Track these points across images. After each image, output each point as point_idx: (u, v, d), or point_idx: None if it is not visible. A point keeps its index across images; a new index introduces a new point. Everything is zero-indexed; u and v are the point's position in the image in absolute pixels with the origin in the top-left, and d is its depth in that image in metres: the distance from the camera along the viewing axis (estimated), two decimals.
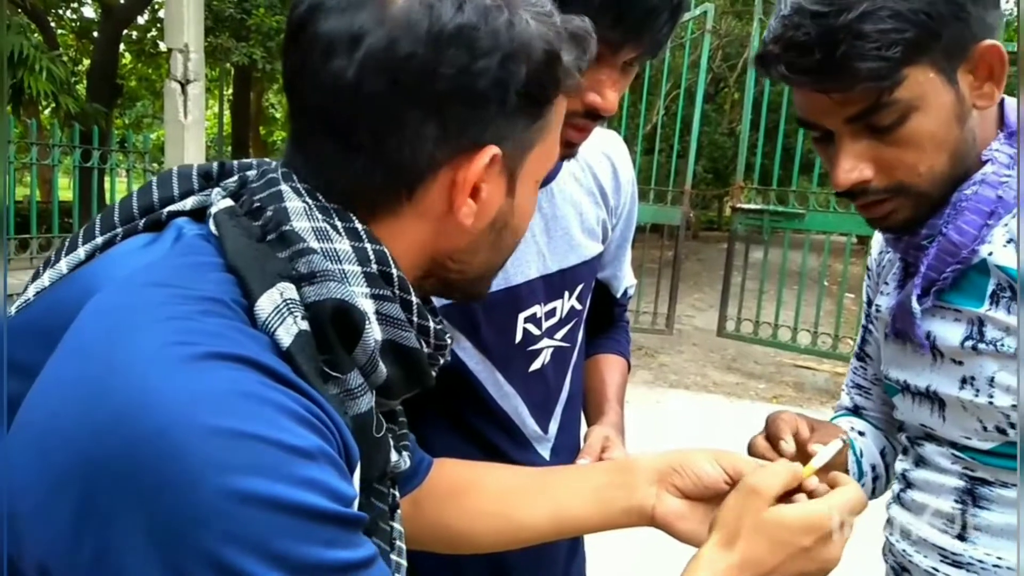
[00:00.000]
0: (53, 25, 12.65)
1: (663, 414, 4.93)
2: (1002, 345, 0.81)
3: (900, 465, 0.97)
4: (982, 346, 0.83)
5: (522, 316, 0.99)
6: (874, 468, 1.05)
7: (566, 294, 1.04)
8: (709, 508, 0.76)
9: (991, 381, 0.82)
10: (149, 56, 14.66)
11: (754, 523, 0.66)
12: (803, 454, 0.86)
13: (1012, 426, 0.82)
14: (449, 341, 0.65)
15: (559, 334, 1.05)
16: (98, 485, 0.42)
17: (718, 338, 6.73)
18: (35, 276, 0.58)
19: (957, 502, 0.88)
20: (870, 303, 1.05)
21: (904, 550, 0.94)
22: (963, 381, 0.85)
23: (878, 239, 1.04)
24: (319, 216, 0.57)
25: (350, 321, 0.53)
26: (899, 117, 0.78)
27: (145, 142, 6.59)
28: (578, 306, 1.07)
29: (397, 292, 0.58)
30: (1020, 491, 0.80)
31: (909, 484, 0.95)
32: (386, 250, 0.58)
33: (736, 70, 12.10)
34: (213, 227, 0.56)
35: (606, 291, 1.23)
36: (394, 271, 0.58)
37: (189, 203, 0.60)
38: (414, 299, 0.60)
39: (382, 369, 0.57)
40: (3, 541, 0.46)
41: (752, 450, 0.91)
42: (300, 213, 0.56)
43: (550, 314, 1.03)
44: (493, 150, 0.57)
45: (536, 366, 1.03)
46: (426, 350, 0.62)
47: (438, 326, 0.63)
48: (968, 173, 0.83)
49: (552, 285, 1.02)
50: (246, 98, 15.21)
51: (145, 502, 0.42)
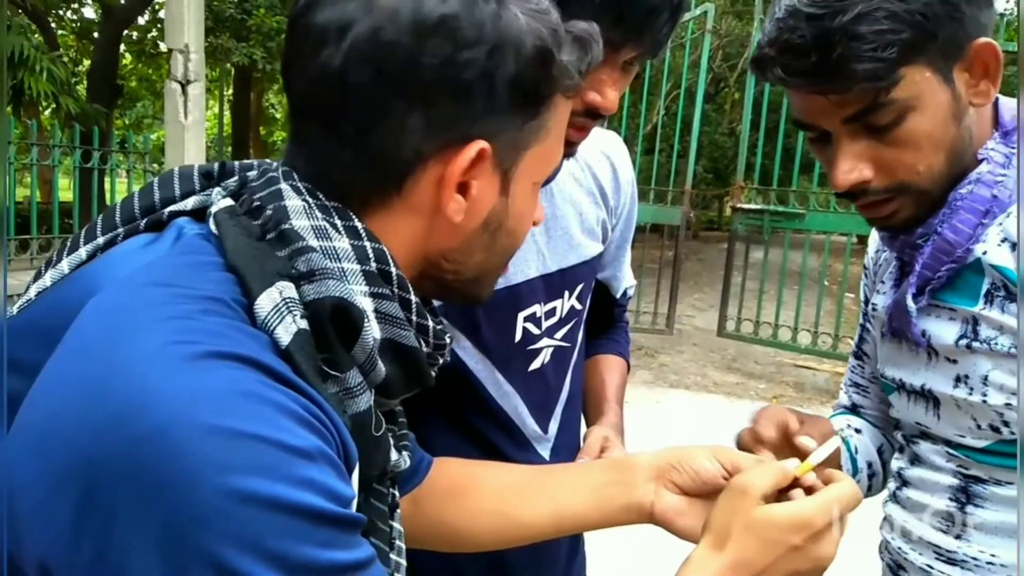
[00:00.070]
0: (53, 26, 12.65)
1: (663, 414, 4.93)
2: (996, 344, 0.81)
3: (896, 463, 0.97)
4: (976, 345, 0.83)
5: (522, 315, 0.99)
6: (870, 465, 1.05)
7: (566, 294, 1.04)
8: (708, 504, 0.75)
9: (985, 379, 0.82)
10: (149, 56, 14.67)
11: (744, 523, 0.66)
12: (792, 448, 0.86)
13: (1005, 424, 0.82)
14: (448, 340, 0.65)
15: (559, 334, 1.05)
16: (98, 484, 0.42)
17: (718, 338, 6.73)
18: (37, 276, 0.58)
19: (952, 500, 0.88)
20: (867, 301, 1.05)
21: (900, 548, 0.94)
22: (957, 379, 0.85)
23: (874, 237, 1.04)
24: (319, 214, 0.57)
25: (349, 319, 0.53)
26: (896, 117, 0.78)
27: (145, 143, 6.59)
28: (578, 306, 1.07)
29: (396, 291, 0.58)
30: (1020, 490, 0.80)
31: (905, 482, 0.95)
32: (385, 248, 0.58)
33: (736, 70, 12.11)
34: (213, 226, 0.56)
35: (606, 291, 1.23)
36: (393, 269, 0.58)
37: (190, 203, 0.60)
38: (413, 298, 0.60)
39: (381, 368, 0.57)
40: (3, 541, 0.46)
41: (739, 444, 0.91)
42: (300, 211, 0.56)
43: (550, 313, 1.03)
44: (480, 144, 0.57)
45: (536, 365, 1.03)
46: (425, 349, 0.62)
47: (437, 326, 0.63)
48: (965, 171, 0.83)
49: (552, 285, 1.02)
50: (246, 98, 15.21)
51: (145, 501, 0.42)
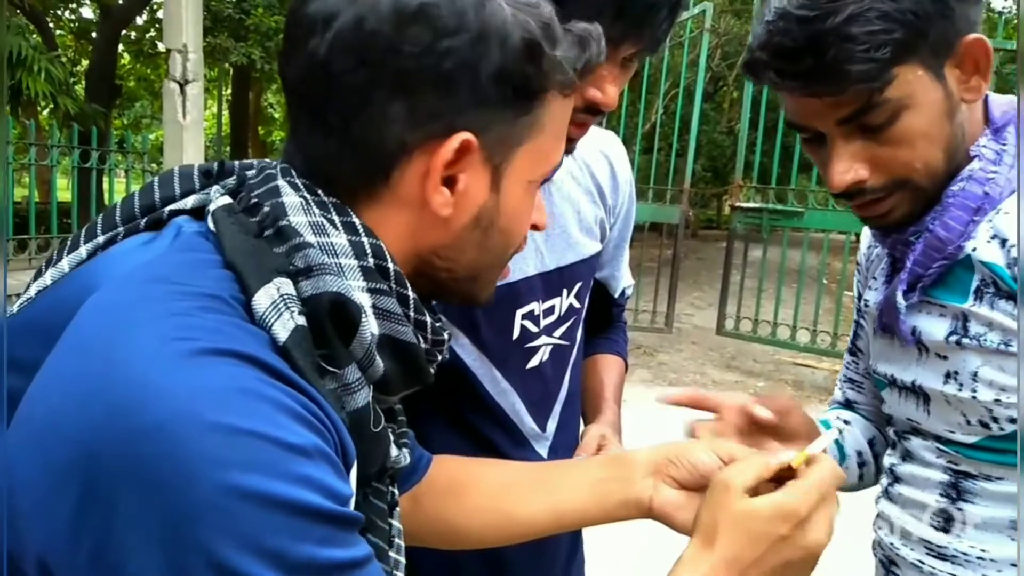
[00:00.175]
0: (51, 26, 12.62)
1: (662, 413, 4.92)
2: (985, 340, 0.82)
3: (888, 460, 0.98)
4: (966, 341, 0.83)
5: (520, 313, 1.00)
6: (860, 454, 1.06)
7: (564, 292, 1.05)
8: None
9: (974, 376, 0.83)
10: (148, 56, 14.65)
11: (729, 518, 0.65)
12: (761, 431, 0.89)
13: (995, 420, 0.82)
14: (447, 337, 0.65)
15: (557, 332, 1.05)
16: (98, 480, 0.42)
17: (717, 336, 6.73)
18: (37, 275, 0.58)
19: (942, 496, 0.88)
20: (860, 297, 1.05)
21: (892, 543, 0.95)
22: (947, 376, 0.86)
23: (867, 233, 1.04)
24: (316, 211, 0.57)
25: (347, 315, 0.53)
26: (890, 116, 0.78)
27: (144, 142, 6.59)
28: (576, 304, 1.07)
29: (393, 286, 0.58)
30: (1020, 489, 0.81)
31: (896, 478, 0.95)
32: (382, 244, 0.58)
33: (735, 69, 12.10)
34: (211, 224, 0.56)
35: (604, 291, 1.23)
36: (390, 265, 0.58)
37: (190, 202, 0.60)
38: (411, 294, 0.60)
39: (379, 363, 0.57)
40: (3, 539, 0.46)
41: (689, 435, 0.93)
42: (297, 208, 0.56)
43: (548, 312, 1.03)
44: (464, 136, 0.56)
45: (534, 363, 1.03)
46: (423, 345, 0.62)
47: (436, 322, 0.63)
48: (959, 168, 0.83)
49: (550, 283, 1.02)
50: (245, 98, 15.20)
51: (144, 497, 0.42)
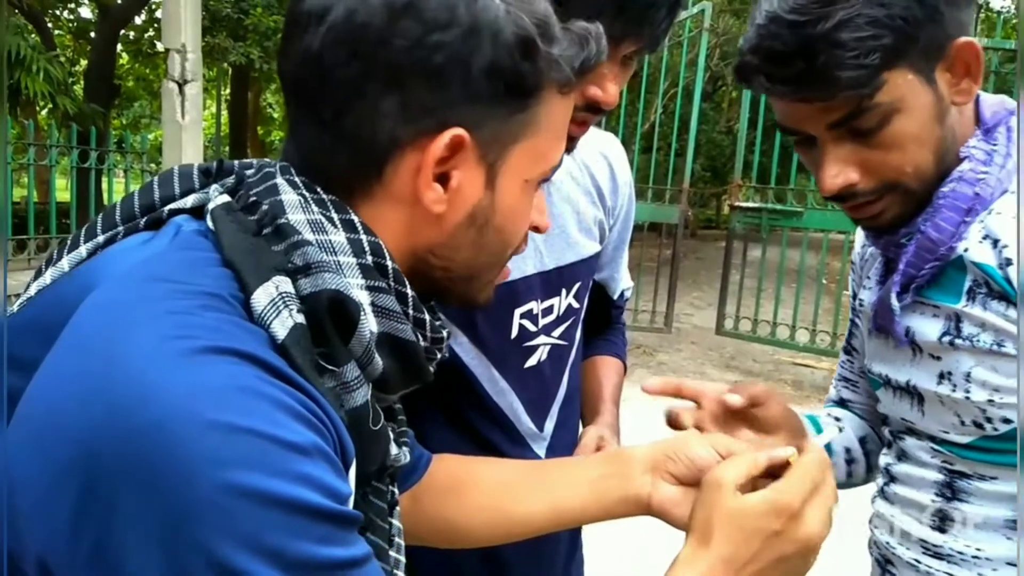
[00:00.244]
0: (50, 26, 12.62)
1: (661, 412, 4.92)
2: (978, 341, 0.82)
3: (883, 459, 0.98)
4: (959, 341, 0.83)
5: (518, 312, 1.00)
6: (848, 451, 1.06)
7: (563, 292, 1.05)
8: None
9: (967, 376, 0.83)
10: (146, 56, 14.66)
11: (723, 516, 0.65)
12: (739, 417, 0.90)
13: (988, 420, 0.83)
14: (446, 335, 0.65)
15: (556, 332, 1.05)
16: (97, 478, 0.42)
17: (716, 336, 6.74)
18: (37, 274, 0.58)
19: (937, 495, 0.89)
20: (855, 296, 1.05)
21: (888, 543, 0.95)
22: (941, 376, 0.86)
23: (861, 233, 1.04)
24: (315, 208, 0.57)
25: (345, 312, 0.53)
26: (881, 120, 0.78)
27: (143, 142, 6.59)
28: (575, 304, 1.07)
29: (392, 284, 0.58)
30: (1020, 489, 0.81)
31: (892, 478, 0.96)
32: (381, 242, 0.58)
33: None
34: (210, 223, 0.56)
35: (603, 292, 1.23)
36: (389, 263, 0.58)
37: (189, 201, 0.60)
38: (409, 292, 0.60)
39: (378, 361, 0.57)
40: (3, 538, 0.46)
41: (669, 420, 0.93)
42: (296, 206, 0.56)
43: (547, 311, 1.03)
44: (455, 131, 0.56)
45: (532, 362, 1.03)
46: (423, 343, 0.62)
47: (435, 320, 0.63)
48: (950, 170, 0.83)
49: (549, 282, 1.02)
50: (244, 98, 15.20)
51: (143, 496, 0.42)
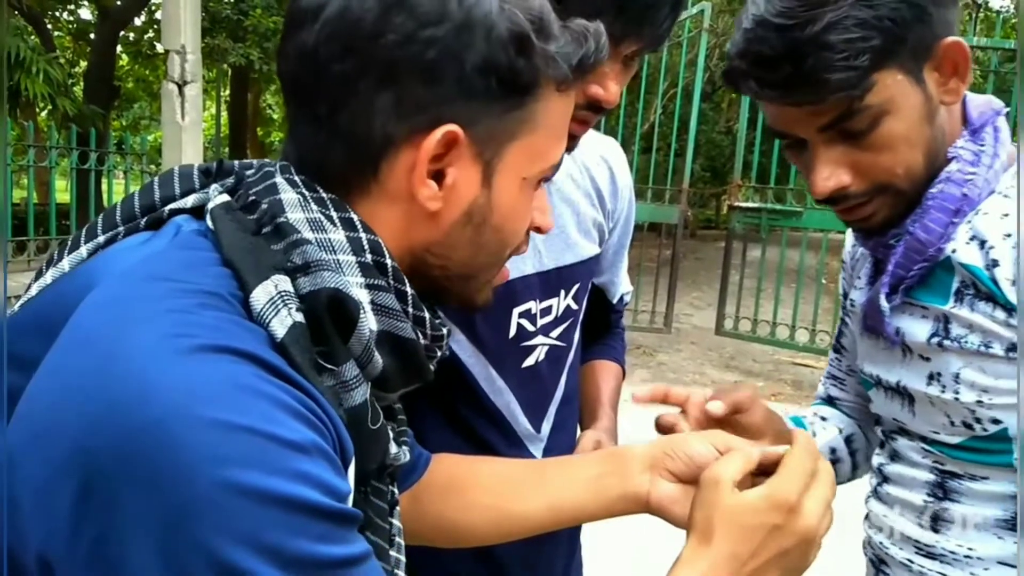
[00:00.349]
0: (50, 27, 12.62)
1: (660, 411, 4.92)
2: (966, 342, 0.82)
3: (876, 459, 0.98)
4: (947, 343, 0.83)
5: (516, 311, 1.00)
6: (834, 451, 1.06)
7: (562, 292, 1.05)
8: None
9: (956, 377, 0.83)
10: (146, 58, 14.66)
11: (722, 514, 0.65)
12: (722, 424, 0.89)
13: (978, 421, 0.83)
14: (446, 333, 0.65)
15: (554, 332, 1.05)
16: (96, 476, 0.42)
17: (716, 336, 6.73)
18: (38, 275, 0.58)
19: (929, 495, 0.89)
20: (845, 296, 1.06)
21: (881, 543, 0.95)
22: (930, 377, 0.86)
23: (851, 232, 1.04)
24: (314, 207, 0.57)
25: (345, 311, 0.53)
26: (872, 122, 0.78)
27: (142, 144, 6.59)
28: (574, 306, 1.08)
29: (392, 282, 0.58)
30: (1020, 489, 0.81)
31: (885, 478, 0.96)
32: (380, 240, 0.58)
33: None
34: (210, 222, 0.56)
35: (602, 297, 1.23)
36: (388, 261, 0.58)
37: (190, 201, 0.60)
38: (409, 290, 0.60)
39: (378, 360, 0.57)
40: (3, 536, 0.46)
41: (658, 426, 0.92)
42: (295, 204, 0.57)
43: (545, 311, 1.03)
44: (449, 128, 0.56)
45: (530, 362, 1.03)
46: (423, 341, 0.62)
47: (435, 319, 0.63)
48: (939, 170, 0.83)
49: (548, 282, 1.02)
50: (243, 99, 15.19)
51: (142, 493, 0.42)
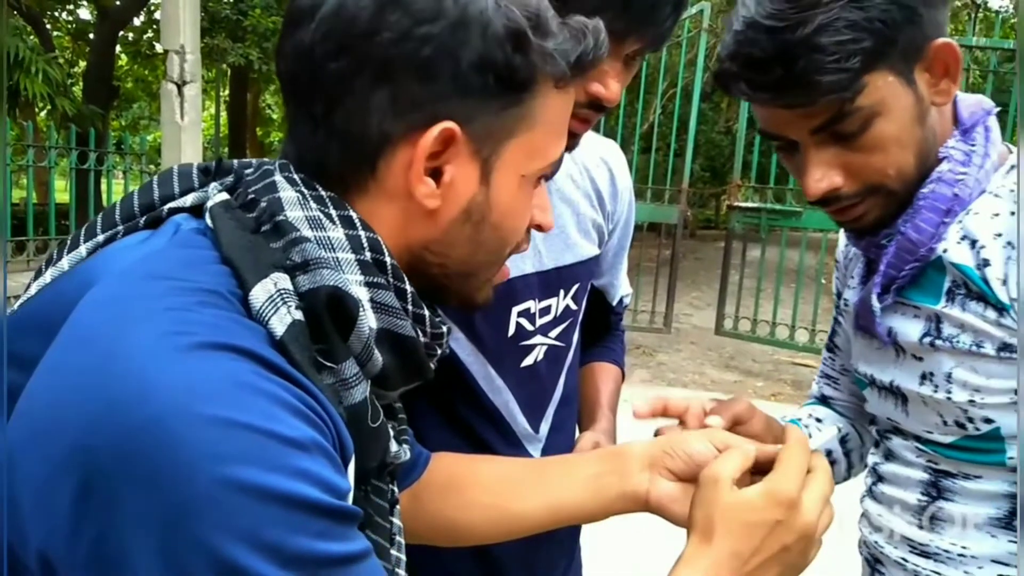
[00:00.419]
0: (49, 27, 12.62)
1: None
2: (958, 342, 0.82)
3: (871, 459, 0.99)
4: (939, 342, 0.84)
5: (515, 310, 1.00)
6: (829, 452, 1.06)
7: (561, 292, 1.05)
8: None
9: (948, 377, 0.83)
10: (145, 58, 14.66)
11: (723, 512, 0.66)
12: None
13: (970, 420, 0.83)
14: (445, 331, 0.65)
15: (553, 332, 1.05)
16: (96, 473, 0.42)
17: (716, 336, 6.74)
18: (37, 274, 0.58)
19: (923, 494, 0.89)
20: (839, 295, 1.06)
21: (876, 542, 0.96)
22: (923, 377, 0.86)
23: (844, 232, 1.05)
24: (313, 205, 0.57)
25: (344, 309, 0.53)
26: (863, 123, 0.78)
27: (142, 144, 6.59)
28: (573, 306, 1.07)
29: (391, 280, 0.58)
30: (1021, 489, 0.81)
31: (880, 478, 0.96)
32: (379, 238, 0.58)
33: None
34: (209, 221, 0.56)
35: (602, 299, 1.23)
36: (387, 259, 0.58)
37: (189, 200, 0.60)
38: (408, 288, 0.60)
39: (377, 358, 0.57)
40: (3, 534, 0.46)
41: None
42: (294, 203, 0.57)
43: (544, 311, 1.03)
44: (445, 125, 0.56)
45: (528, 362, 1.03)
46: (422, 339, 0.62)
47: (435, 316, 0.63)
48: (930, 170, 0.83)
49: (547, 282, 1.02)
50: (243, 99, 15.19)
51: (141, 491, 0.42)
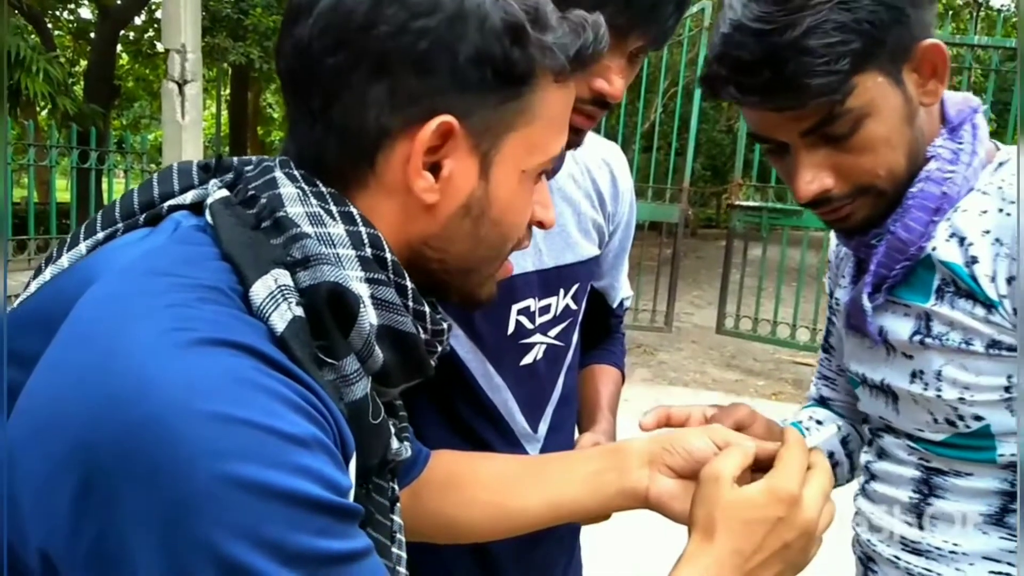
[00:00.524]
0: (50, 26, 12.63)
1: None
2: (947, 340, 0.82)
3: (864, 457, 0.99)
4: (929, 340, 0.84)
5: (515, 308, 1.00)
6: (832, 455, 1.06)
7: (561, 291, 1.05)
8: None
9: (938, 375, 0.83)
10: (146, 57, 14.66)
11: (725, 510, 0.66)
12: None
13: (960, 418, 0.83)
14: (446, 327, 0.65)
15: (552, 331, 1.05)
16: (96, 470, 0.42)
17: (717, 335, 6.74)
18: (37, 272, 0.58)
19: (915, 492, 0.89)
20: (831, 295, 1.06)
21: (869, 540, 0.96)
22: (913, 375, 0.86)
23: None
24: (314, 201, 0.57)
25: (345, 305, 0.53)
26: (853, 125, 0.78)
27: (143, 143, 6.60)
28: (573, 306, 1.07)
29: (392, 276, 0.58)
30: (1020, 490, 0.81)
31: (872, 476, 0.96)
32: (380, 234, 0.58)
33: None
34: (209, 217, 0.56)
35: (602, 301, 1.23)
36: (388, 255, 0.58)
37: (188, 197, 0.60)
38: (409, 284, 0.60)
39: (378, 354, 0.57)
40: (3, 532, 0.46)
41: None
42: (294, 199, 0.56)
43: (544, 310, 1.03)
44: (443, 119, 0.56)
45: (528, 360, 1.03)
46: (423, 336, 0.62)
47: (436, 313, 0.63)
48: (919, 170, 0.83)
49: (547, 281, 1.02)
50: (243, 98, 15.20)
51: (141, 489, 0.42)
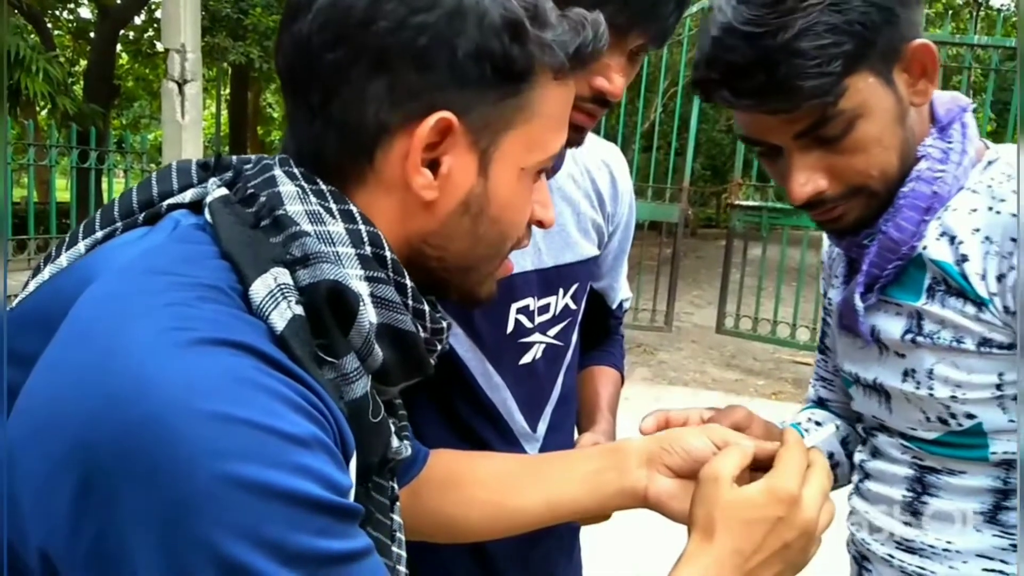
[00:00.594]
0: (50, 26, 12.63)
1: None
2: (938, 338, 0.82)
3: (858, 456, 0.99)
4: (920, 339, 0.84)
5: (515, 307, 1.00)
6: (832, 455, 1.06)
7: (560, 291, 1.05)
8: None
9: (930, 373, 0.84)
10: (146, 56, 14.67)
11: (724, 509, 0.66)
12: None
13: (952, 416, 0.83)
14: (446, 326, 0.65)
15: (551, 331, 1.05)
16: (96, 470, 0.42)
17: (717, 335, 6.74)
18: (36, 271, 0.58)
19: (908, 490, 0.90)
20: (825, 295, 1.06)
21: (863, 539, 0.96)
22: (905, 374, 0.86)
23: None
24: (313, 199, 0.57)
25: (344, 303, 0.53)
26: (846, 126, 0.78)
27: (143, 142, 6.60)
28: (572, 306, 1.07)
29: (391, 275, 0.58)
30: (1020, 490, 0.81)
31: (866, 475, 0.96)
32: (379, 232, 0.58)
33: None
34: (208, 216, 0.56)
35: (602, 302, 1.23)
36: (388, 253, 0.58)
37: (188, 195, 0.60)
38: (408, 282, 0.60)
39: (378, 352, 0.57)
40: (3, 532, 0.46)
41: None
42: (293, 197, 0.56)
43: (543, 309, 1.03)
44: (442, 115, 0.56)
45: (527, 360, 1.03)
46: (423, 335, 0.62)
47: (435, 312, 0.63)
48: (911, 170, 0.84)
49: (547, 280, 1.02)
50: (243, 98, 15.19)
51: (141, 488, 0.42)
